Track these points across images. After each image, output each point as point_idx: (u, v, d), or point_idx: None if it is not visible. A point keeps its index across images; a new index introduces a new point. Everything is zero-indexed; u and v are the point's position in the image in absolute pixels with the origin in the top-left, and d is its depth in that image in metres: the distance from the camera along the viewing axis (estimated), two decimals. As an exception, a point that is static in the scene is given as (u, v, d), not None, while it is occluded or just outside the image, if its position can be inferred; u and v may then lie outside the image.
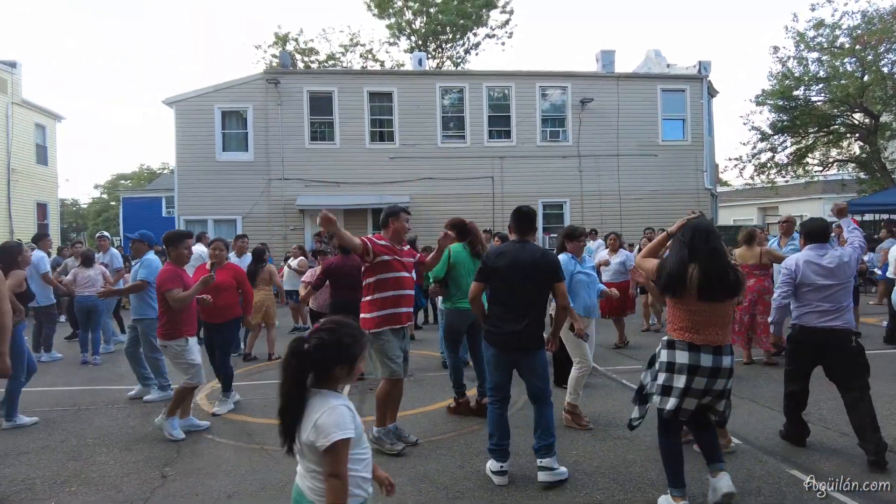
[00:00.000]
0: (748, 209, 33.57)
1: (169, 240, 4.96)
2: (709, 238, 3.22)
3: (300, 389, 1.98)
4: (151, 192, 34.10)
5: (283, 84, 16.98)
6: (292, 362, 1.97)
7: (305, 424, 1.96)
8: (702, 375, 3.16)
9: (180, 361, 4.86)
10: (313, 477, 2.00)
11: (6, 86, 19.73)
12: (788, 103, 20.25)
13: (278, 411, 2.02)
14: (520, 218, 4.05)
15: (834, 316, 4.06)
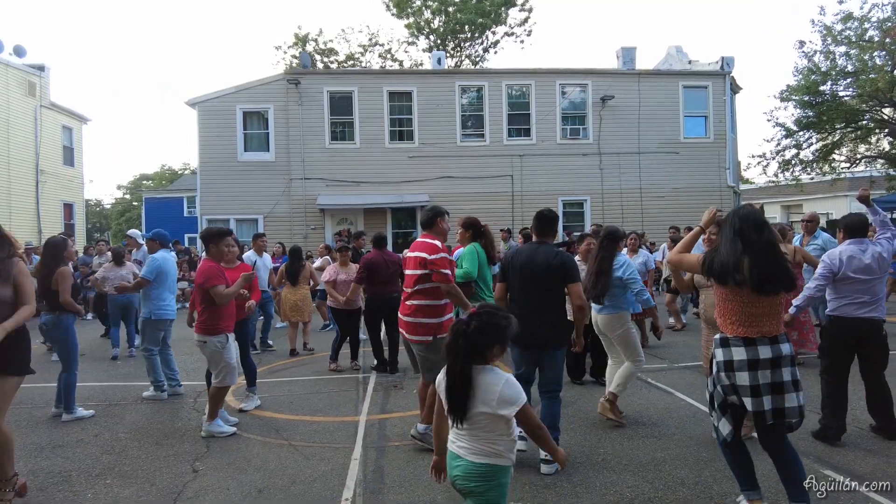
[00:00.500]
0: (771, 207, 33.00)
1: (209, 237, 4.97)
2: (763, 228, 3.04)
3: (468, 367, 2.27)
4: (173, 193, 34.69)
5: (303, 84, 17.12)
6: (460, 343, 2.26)
7: (482, 396, 2.26)
8: (763, 368, 2.98)
9: (216, 359, 4.78)
10: (489, 441, 2.29)
11: (35, 89, 20.19)
12: (814, 99, 19.85)
13: (447, 389, 2.30)
14: (539, 220, 4.19)
15: (872, 307, 4.19)
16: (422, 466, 4.02)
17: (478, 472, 2.30)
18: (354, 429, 4.89)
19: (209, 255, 4.95)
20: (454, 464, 2.36)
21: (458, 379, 2.27)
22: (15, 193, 19.19)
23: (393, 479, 3.84)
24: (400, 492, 3.64)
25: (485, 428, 2.29)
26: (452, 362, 2.28)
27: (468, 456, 2.31)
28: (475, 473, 2.30)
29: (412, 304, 4.32)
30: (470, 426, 2.30)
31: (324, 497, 3.60)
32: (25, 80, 19.87)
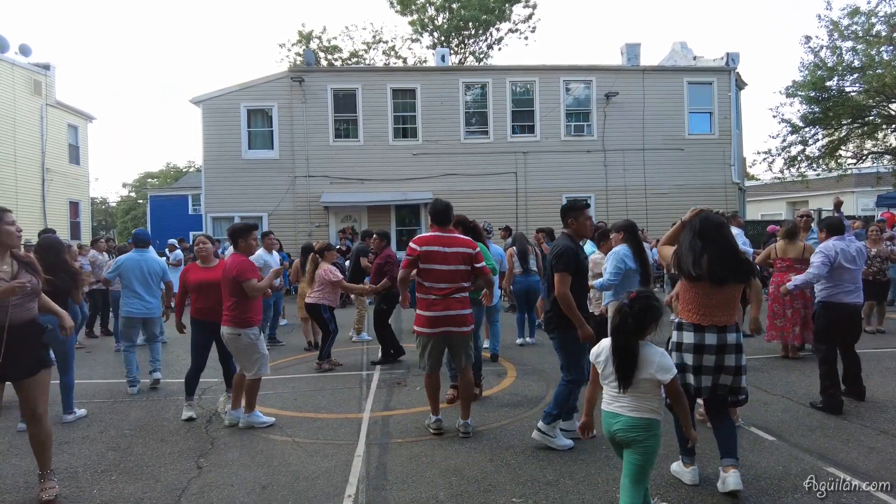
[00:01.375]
0: (777, 203, 32.84)
1: (237, 232, 5.01)
2: (720, 228, 3.51)
3: (634, 342, 2.81)
4: (178, 190, 34.72)
5: (307, 82, 17.13)
6: (628, 322, 2.80)
7: (645, 366, 2.83)
8: (709, 353, 3.45)
9: (251, 351, 4.81)
10: (647, 399, 2.87)
11: (41, 88, 20.28)
12: (820, 94, 19.74)
13: (618, 365, 2.83)
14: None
15: (857, 294, 5.06)
16: (425, 463, 4.04)
17: (639, 424, 2.86)
18: (358, 426, 4.91)
19: (238, 250, 5.01)
20: (613, 421, 2.89)
21: (628, 353, 2.81)
22: (21, 192, 19.30)
23: (396, 475, 3.85)
24: (403, 488, 3.65)
25: (644, 390, 2.85)
26: (624, 340, 2.82)
27: (629, 413, 2.85)
28: (637, 426, 2.86)
29: (463, 297, 4.54)
30: (632, 390, 2.84)
31: (327, 493, 3.61)
32: (31, 78, 19.96)
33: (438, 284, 4.44)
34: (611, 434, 2.94)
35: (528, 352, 7.92)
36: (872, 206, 24.11)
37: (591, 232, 4.66)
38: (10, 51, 19.46)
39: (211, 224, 17.30)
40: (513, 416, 5.06)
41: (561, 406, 4.26)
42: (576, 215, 4.38)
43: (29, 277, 3.50)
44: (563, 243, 4.29)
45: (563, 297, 4.12)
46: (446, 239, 4.49)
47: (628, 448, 2.89)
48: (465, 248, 4.50)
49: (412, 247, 4.51)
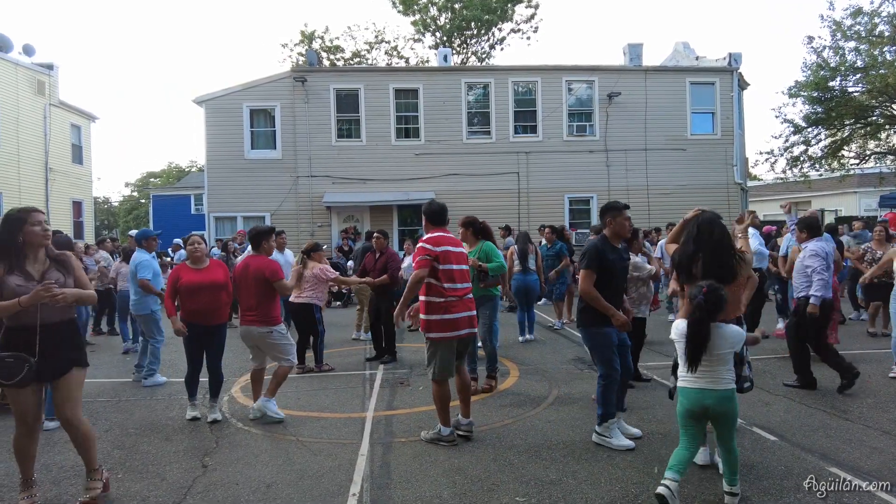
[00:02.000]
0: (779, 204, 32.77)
1: (260, 234, 5.30)
2: (713, 230, 3.71)
3: (707, 328, 3.21)
4: (180, 190, 34.81)
5: (309, 82, 17.15)
6: (709, 308, 3.20)
7: (722, 343, 3.27)
8: None
9: (283, 343, 5.18)
10: (722, 373, 3.27)
11: (44, 88, 20.32)
12: (823, 95, 19.71)
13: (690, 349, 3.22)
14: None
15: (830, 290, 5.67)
16: (428, 462, 4.06)
17: (727, 395, 3.27)
18: (361, 425, 4.93)
19: (260, 251, 5.24)
20: (701, 397, 3.27)
21: (704, 336, 3.19)
22: (25, 191, 19.35)
23: (400, 474, 3.88)
24: (407, 487, 3.67)
25: (723, 363, 3.27)
26: (698, 328, 3.20)
27: (717, 387, 3.26)
28: (726, 397, 3.27)
29: (472, 298, 4.59)
30: (712, 366, 3.25)
31: (331, 492, 3.64)
32: (34, 78, 20.01)
33: (458, 285, 4.41)
34: (702, 408, 3.29)
35: (530, 351, 7.94)
36: (875, 206, 24.08)
37: (629, 233, 4.64)
38: (13, 51, 19.51)
39: (213, 224, 17.33)
40: (515, 416, 5.07)
41: (605, 405, 4.26)
42: (614, 215, 4.39)
43: (57, 276, 3.40)
44: (592, 242, 4.38)
45: (586, 293, 4.23)
46: (454, 239, 4.58)
47: (716, 419, 3.30)
48: (463, 248, 4.64)
49: (427, 247, 4.35)
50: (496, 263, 5.98)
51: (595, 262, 4.22)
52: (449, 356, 4.41)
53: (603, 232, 4.45)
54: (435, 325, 4.36)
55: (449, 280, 4.37)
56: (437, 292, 4.36)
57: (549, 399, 5.58)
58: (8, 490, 3.80)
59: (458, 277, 4.43)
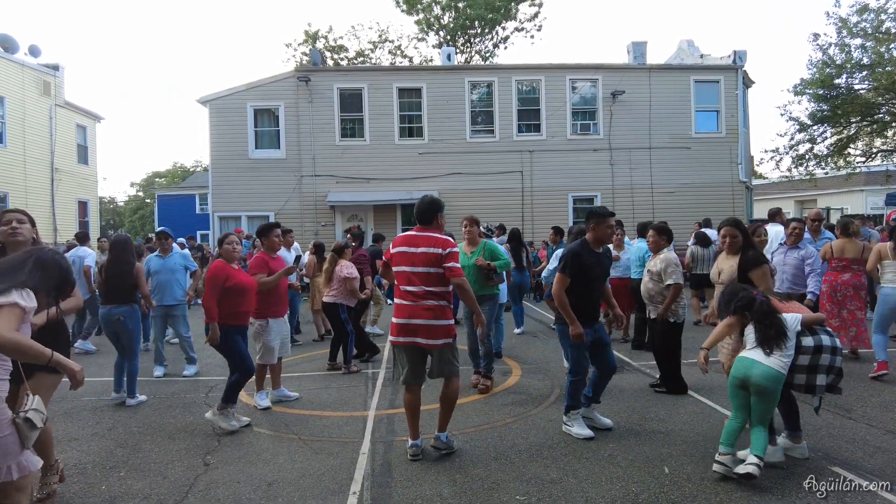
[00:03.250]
0: (785, 202, 32.63)
1: (261, 231, 5.64)
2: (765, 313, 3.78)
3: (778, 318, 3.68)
4: (185, 190, 34.98)
5: (313, 82, 17.19)
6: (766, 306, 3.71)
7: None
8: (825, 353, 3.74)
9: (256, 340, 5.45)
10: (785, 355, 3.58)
11: (49, 88, 20.45)
12: (829, 92, 19.60)
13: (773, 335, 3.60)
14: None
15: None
16: (429, 461, 4.06)
17: (775, 377, 3.52)
18: (363, 424, 4.94)
19: (263, 248, 5.63)
20: (751, 366, 3.56)
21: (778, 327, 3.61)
22: (31, 191, 19.47)
23: (401, 473, 3.88)
24: (407, 486, 3.68)
25: (785, 348, 3.58)
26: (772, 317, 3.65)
27: (772, 364, 3.53)
28: (773, 378, 3.52)
29: (432, 304, 3.99)
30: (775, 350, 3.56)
31: (332, 490, 3.65)
32: (40, 79, 20.13)
33: (406, 287, 4.04)
34: (744, 377, 3.57)
35: (532, 350, 7.93)
36: (882, 204, 23.93)
37: (611, 239, 4.79)
38: (19, 52, 19.63)
39: (218, 223, 17.39)
40: (517, 415, 5.07)
41: (570, 397, 4.53)
42: (598, 222, 4.48)
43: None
44: (570, 246, 4.49)
45: (557, 297, 4.41)
46: (416, 238, 4.10)
47: (756, 395, 3.54)
48: (432, 248, 3.99)
49: (388, 249, 4.26)
50: (503, 261, 6.16)
51: (570, 266, 4.37)
52: (402, 361, 4.12)
53: (584, 236, 4.55)
54: (391, 328, 4.14)
55: (403, 283, 4.07)
56: (395, 294, 4.17)
57: (550, 398, 5.58)
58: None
59: (405, 280, 4.05)
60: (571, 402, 4.52)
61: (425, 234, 4.12)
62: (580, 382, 4.51)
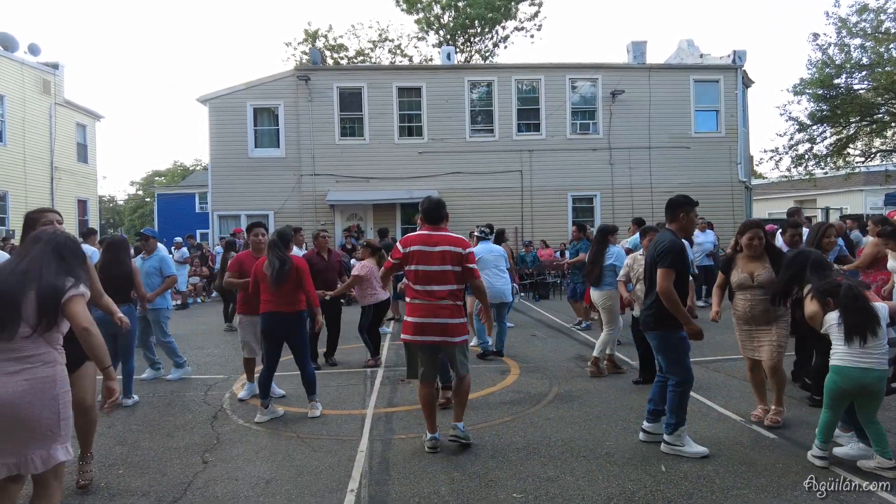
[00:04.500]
0: (784, 202, 32.61)
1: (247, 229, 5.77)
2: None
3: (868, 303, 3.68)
4: (185, 189, 34.97)
5: (313, 81, 17.19)
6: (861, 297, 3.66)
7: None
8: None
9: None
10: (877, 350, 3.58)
11: (49, 87, 20.44)
12: (828, 92, 19.61)
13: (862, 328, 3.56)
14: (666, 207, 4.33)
15: None
16: (427, 459, 4.08)
17: (883, 376, 3.58)
18: (361, 422, 4.95)
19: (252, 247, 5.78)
20: (861, 377, 3.54)
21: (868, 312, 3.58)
22: (31, 190, 19.48)
23: (399, 471, 3.89)
24: (405, 483, 3.69)
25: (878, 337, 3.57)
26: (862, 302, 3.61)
27: (878, 367, 3.56)
28: (883, 377, 3.58)
29: (451, 304, 4.10)
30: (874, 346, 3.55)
31: (330, 488, 3.66)
32: (40, 78, 20.13)
33: (425, 287, 4.09)
34: (862, 386, 3.55)
35: (531, 349, 7.95)
36: (881, 204, 23.94)
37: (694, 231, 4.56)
38: (19, 50, 19.63)
39: (217, 222, 17.41)
40: (515, 413, 5.09)
41: (678, 413, 4.04)
42: (688, 210, 4.16)
43: None
44: (672, 238, 4.07)
45: (668, 294, 3.93)
46: (433, 238, 4.15)
47: (868, 396, 3.57)
48: (452, 247, 4.10)
49: (397, 248, 4.25)
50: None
51: (678, 261, 3.99)
52: (419, 359, 4.22)
53: (669, 227, 4.19)
54: (403, 327, 4.26)
55: (415, 281, 4.13)
56: (408, 293, 4.24)
57: (548, 397, 5.59)
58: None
59: (424, 279, 4.09)
60: (679, 418, 4.03)
61: (441, 234, 4.21)
62: (688, 391, 4.12)
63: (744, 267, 4.60)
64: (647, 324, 4.20)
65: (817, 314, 3.77)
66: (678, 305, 3.94)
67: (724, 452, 4.04)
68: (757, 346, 4.61)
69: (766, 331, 4.54)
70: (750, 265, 4.57)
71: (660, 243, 4.07)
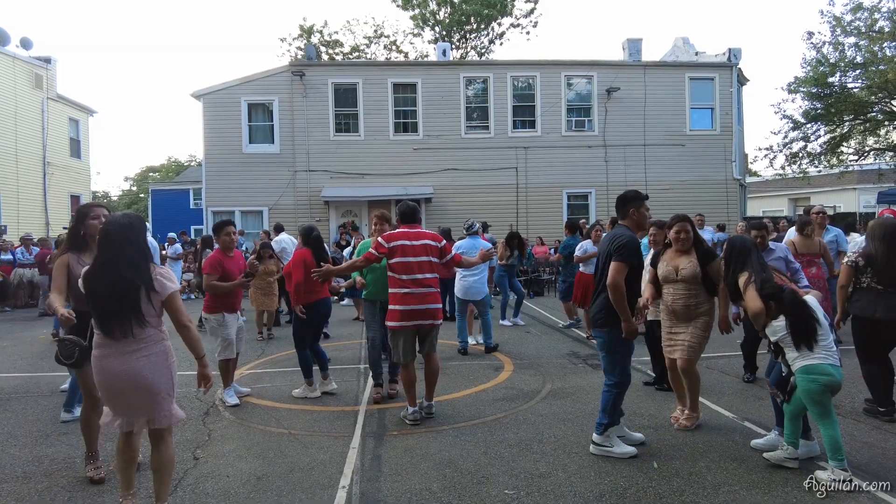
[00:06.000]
0: (779, 200, 32.80)
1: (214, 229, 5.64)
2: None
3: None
4: (179, 185, 34.75)
5: (308, 76, 17.12)
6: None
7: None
8: None
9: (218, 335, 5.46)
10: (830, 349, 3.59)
11: (42, 82, 20.29)
12: (823, 90, 19.70)
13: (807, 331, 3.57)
14: (616, 202, 4.29)
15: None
16: (419, 455, 4.07)
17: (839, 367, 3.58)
18: (354, 418, 4.94)
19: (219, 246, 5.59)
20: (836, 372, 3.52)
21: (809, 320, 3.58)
22: (23, 186, 19.35)
23: (391, 467, 3.88)
24: (397, 479, 3.68)
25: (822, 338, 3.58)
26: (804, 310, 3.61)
27: (837, 361, 3.57)
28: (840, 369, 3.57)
29: (435, 290, 4.79)
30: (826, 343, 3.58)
31: (322, 484, 3.64)
32: (32, 72, 19.98)
33: (412, 276, 4.64)
34: (839, 382, 3.53)
35: (525, 346, 7.94)
36: (874, 203, 24.06)
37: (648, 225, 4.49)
38: (10, 44, 19.47)
39: (212, 218, 17.32)
40: (508, 410, 5.08)
41: (610, 414, 3.99)
42: (637, 205, 4.11)
43: None
44: (627, 233, 4.02)
45: (618, 287, 3.86)
46: (412, 233, 4.77)
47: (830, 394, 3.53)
48: (430, 241, 4.79)
49: (380, 242, 4.73)
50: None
51: (634, 256, 3.96)
52: (406, 343, 4.73)
53: (622, 223, 4.14)
54: (390, 315, 4.74)
55: (404, 271, 4.65)
56: (394, 284, 4.71)
57: (542, 393, 5.59)
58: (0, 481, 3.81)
59: (413, 268, 4.66)
60: (611, 420, 3.99)
61: (417, 230, 4.85)
62: (623, 394, 4.07)
63: (670, 261, 4.52)
64: (596, 320, 4.10)
65: (762, 314, 3.66)
66: (624, 301, 3.86)
67: (715, 449, 4.05)
68: (672, 345, 4.54)
69: (682, 329, 4.45)
70: (676, 259, 4.50)
71: (617, 237, 3.98)
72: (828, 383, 3.49)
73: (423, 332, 4.79)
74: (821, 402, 3.51)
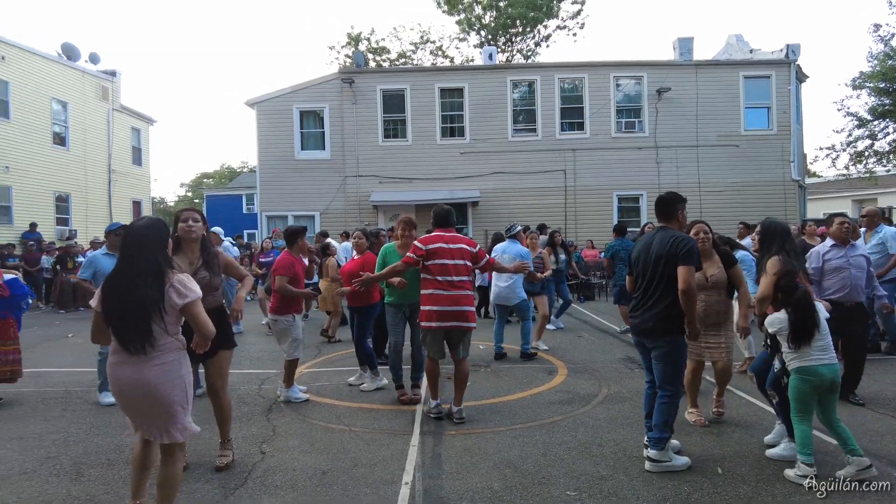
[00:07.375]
0: (842, 201, 31.28)
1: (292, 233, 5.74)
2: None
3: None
4: (233, 190, 36.01)
5: (356, 83, 17.47)
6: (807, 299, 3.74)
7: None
8: None
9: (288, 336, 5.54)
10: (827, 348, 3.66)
11: (107, 94, 21.42)
12: (891, 85, 18.74)
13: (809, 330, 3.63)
14: (658, 205, 4.10)
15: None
16: (478, 455, 4.11)
17: (838, 367, 3.68)
18: (412, 417, 5.02)
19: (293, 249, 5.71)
20: (830, 371, 3.60)
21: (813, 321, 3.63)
22: (90, 192, 20.46)
23: (451, 465, 3.94)
24: (458, 478, 3.73)
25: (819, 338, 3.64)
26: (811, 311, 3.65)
27: (834, 360, 3.65)
28: (838, 369, 3.67)
29: (469, 293, 4.89)
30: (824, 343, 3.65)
31: (385, 480, 3.73)
32: (99, 85, 21.12)
33: (448, 278, 4.76)
34: (831, 380, 3.59)
35: (579, 350, 7.88)
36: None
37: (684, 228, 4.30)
38: (81, 59, 20.63)
39: (266, 222, 17.88)
40: (565, 413, 5.06)
41: (669, 427, 3.84)
42: (683, 207, 4.05)
43: (203, 276, 3.84)
44: (687, 236, 3.92)
45: (693, 292, 3.74)
46: (448, 237, 4.90)
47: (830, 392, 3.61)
48: (466, 245, 4.93)
49: (417, 246, 4.85)
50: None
51: (698, 259, 3.89)
52: (435, 342, 4.85)
53: (669, 226, 3.99)
54: (422, 315, 4.87)
55: (440, 273, 4.78)
56: (428, 286, 4.83)
57: (598, 397, 5.54)
58: (87, 467, 4.06)
59: (450, 270, 4.79)
60: (669, 433, 3.83)
61: (453, 234, 4.98)
62: (678, 401, 3.92)
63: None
64: (656, 330, 3.84)
65: (767, 299, 3.91)
66: (693, 304, 3.79)
67: (699, 446, 3.93)
68: (706, 347, 4.63)
69: (714, 332, 4.59)
70: (703, 265, 4.41)
71: (679, 240, 3.80)
72: (817, 385, 3.60)
73: (455, 335, 4.85)
74: (804, 401, 3.63)
